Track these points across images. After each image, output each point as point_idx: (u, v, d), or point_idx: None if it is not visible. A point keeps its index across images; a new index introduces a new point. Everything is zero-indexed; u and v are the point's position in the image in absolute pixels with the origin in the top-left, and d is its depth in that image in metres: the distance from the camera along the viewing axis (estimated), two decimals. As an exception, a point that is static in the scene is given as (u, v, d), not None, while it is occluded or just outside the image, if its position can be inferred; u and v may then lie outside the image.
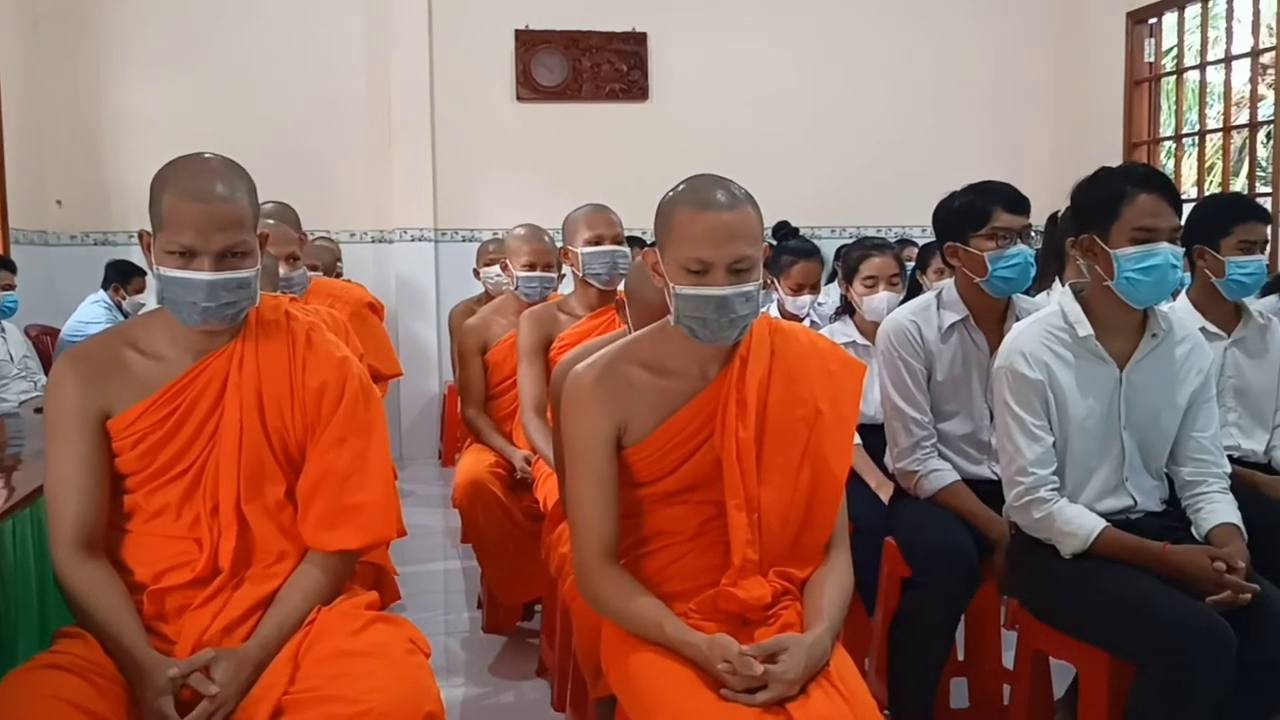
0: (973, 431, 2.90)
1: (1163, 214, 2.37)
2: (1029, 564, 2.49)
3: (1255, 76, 6.66)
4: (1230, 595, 2.18)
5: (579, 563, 2.04)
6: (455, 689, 3.39)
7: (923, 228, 6.65)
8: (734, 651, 1.82)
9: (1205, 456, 2.49)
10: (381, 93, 7.07)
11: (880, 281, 3.52)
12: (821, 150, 7.46)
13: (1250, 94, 6.73)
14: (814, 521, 2.03)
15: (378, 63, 7.07)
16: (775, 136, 7.36)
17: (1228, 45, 6.75)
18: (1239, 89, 6.82)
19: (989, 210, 2.83)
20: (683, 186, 1.99)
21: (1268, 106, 6.43)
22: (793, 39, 7.51)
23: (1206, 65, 6.98)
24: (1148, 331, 2.46)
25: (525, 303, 3.89)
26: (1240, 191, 6.68)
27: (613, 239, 3.49)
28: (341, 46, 7.05)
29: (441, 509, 5.66)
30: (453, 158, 7.21)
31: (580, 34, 7.34)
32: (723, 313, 1.92)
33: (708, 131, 7.19)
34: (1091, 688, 2.37)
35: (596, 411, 2.00)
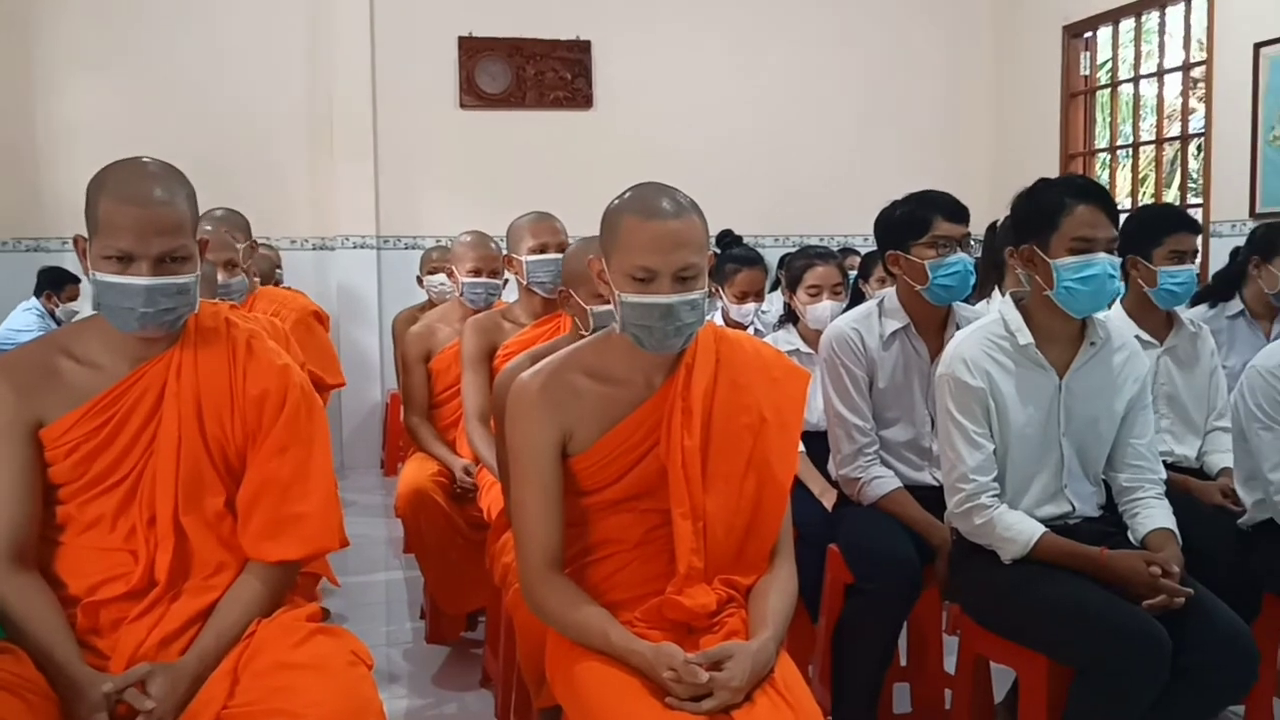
0: (914, 438, 2.93)
1: (1100, 225, 2.41)
2: (970, 570, 2.52)
3: (1186, 90, 6.81)
4: (1165, 599, 2.22)
5: (523, 572, 2.03)
6: (398, 700, 3.36)
7: (864, 236, 6.72)
8: (679, 659, 1.81)
9: (1142, 463, 2.53)
10: (323, 99, 7.00)
11: (824, 290, 3.55)
12: (765, 159, 7.51)
13: (1182, 107, 6.88)
14: (759, 529, 2.03)
15: (319, 68, 6.99)
16: (719, 145, 7.39)
17: (1160, 59, 6.89)
18: (1171, 102, 6.97)
19: (929, 219, 2.87)
20: (628, 194, 1.99)
21: (1198, 119, 6.57)
22: (737, 49, 7.56)
23: (1140, 79, 7.12)
24: (1086, 340, 2.50)
25: (469, 310, 3.87)
26: (1172, 203, 6.82)
27: (557, 247, 3.48)
28: (282, 52, 6.97)
29: (384, 518, 5.61)
30: (395, 165, 7.15)
31: (524, 41, 7.32)
32: (668, 321, 1.92)
33: (652, 140, 7.20)
34: (1031, 691, 2.40)
35: (541, 420, 1.99)
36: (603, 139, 7.30)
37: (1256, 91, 5.95)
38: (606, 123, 7.40)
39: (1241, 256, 3.87)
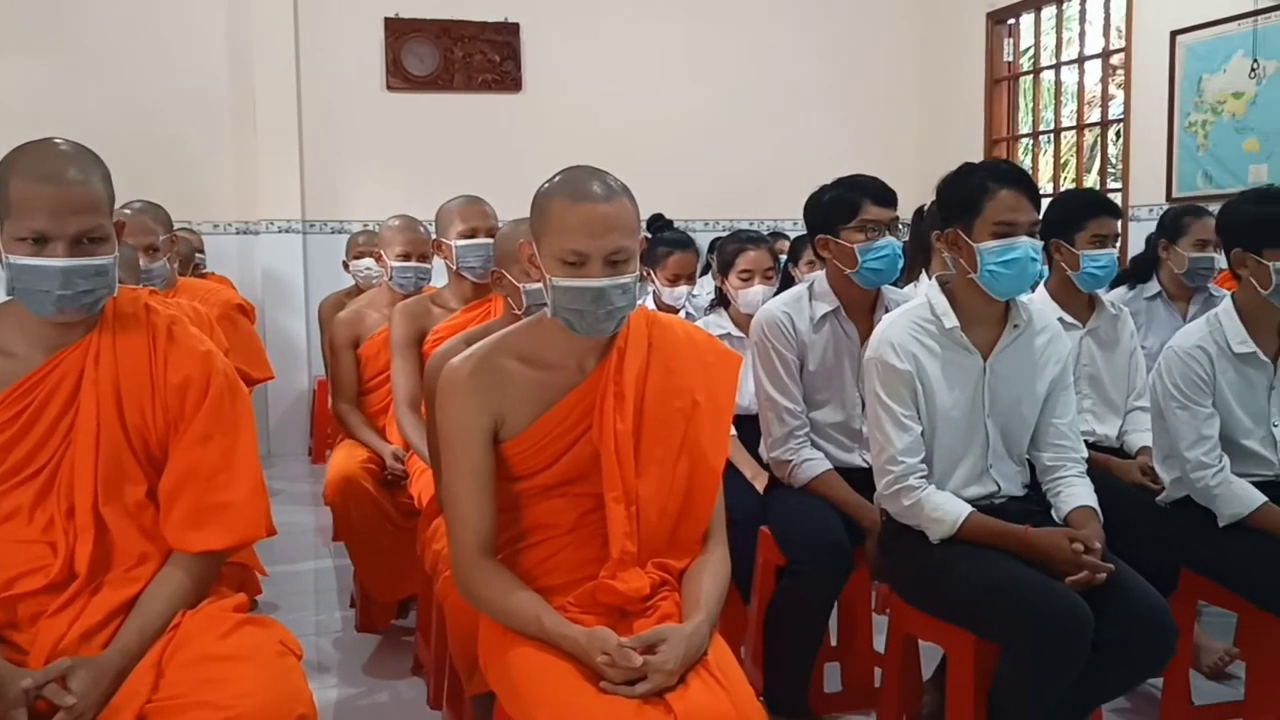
0: (845, 420, 2.96)
1: (1022, 209, 2.45)
2: (899, 550, 2.55)
3: (1106, 77, 6.95)
4: (1087, 575, 2.26)
5: (455, 558, 2.01)
6: (328, 690, 3.32)
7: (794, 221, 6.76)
8: (613, 644, 1.81)
9: (1064, 442, 2.58)
10: (245, 79, 6.86)
11: (756, 275, 3.57)
12: (695, 144, 7.52)
13: (1102, 93, 7.02)
14: (692, 512, 2.04)
15: (241, 48, 6.85)
16: (650, 129, 7.38)
17: (1081, 47, 7.02)
18: (1091, 89, 7.10)
19: (858, 203, 2.89)
20: (558, 178, 1.98)
21: (1118, 106, 6.71)
22: (666, 32, 7.55)
23: (1061, 65, 7.25)
24: (1009, 322, 2.53)
25: (398, 295, 3.83)
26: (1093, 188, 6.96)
27: (487, 231, 3.45)
28: (203, 29, 6.81)
29: (312, 507, 5.54)
30: (321, 147, 7.04)
31: (452, 23, 7.24)
32: (600, 304, 1.91)
33: (582, 124, 7.17)
34: (958, 668, 2.44)
35: (472, 405, 1.98)
36: (532, 123, 7.26)
37: (1173, 79, 6.08)
38: (536, 106, 7.36)
39: (1152, 240, 3.97)
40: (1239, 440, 2.73)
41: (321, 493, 3.69)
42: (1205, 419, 2.69)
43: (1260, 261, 2.66)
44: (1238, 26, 5.70)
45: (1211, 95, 5.89)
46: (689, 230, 5.65)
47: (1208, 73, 5.90)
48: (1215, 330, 2.75)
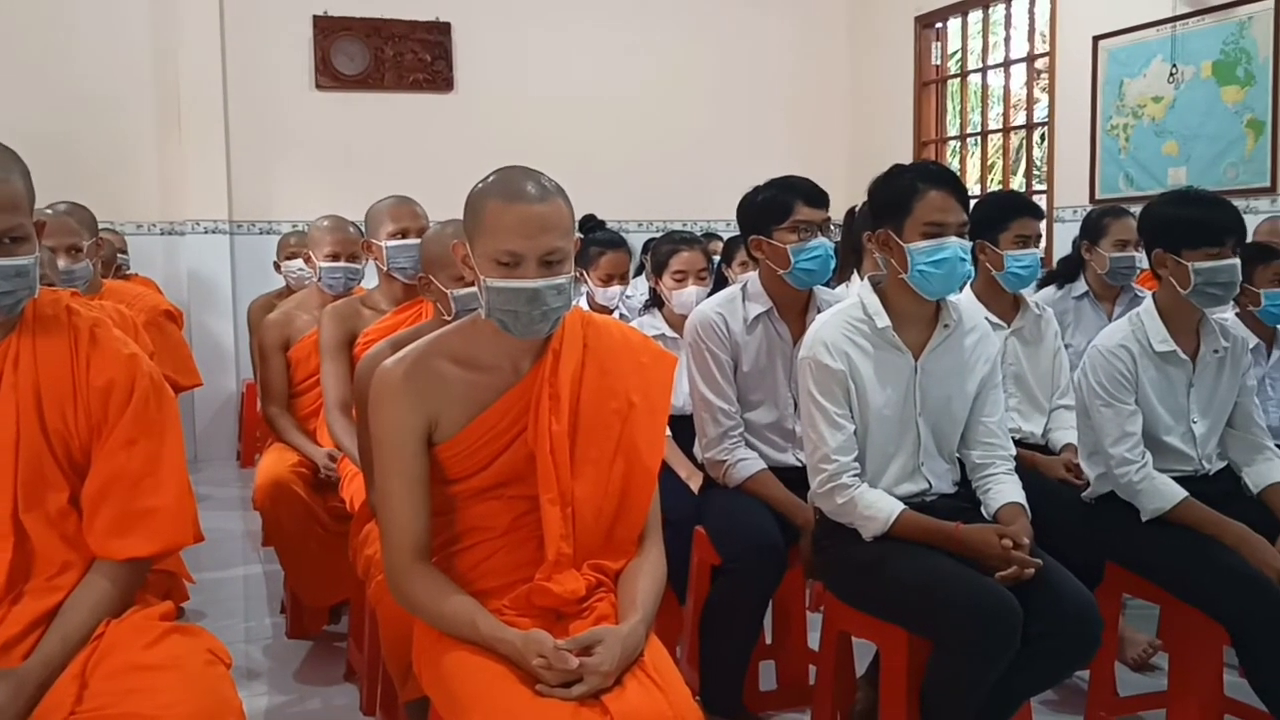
0: (778, 420, 2.97)
1: (951, 209, 2.48)
2: (833, 548, 2.57)
3: (1031, 80, 7.08)
4: (1016, 570, 2.30)
5: (389, 562, 1.99)
6: (258, 698, 3.27)
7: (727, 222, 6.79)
8: (549, 646, 1.81)
9: (993, 440, 2.62)
10: (170, 76, 6.73)
11: (689, 276, 3.58)
12: (628, 144, 7.53)
13: (1027, 97, 7.14)
14: (627, 513, 2.04)
15: (166, 45, 6.72)
16: (582, 130, 7.38)
17: (1006, 51, 7.14)
18: (1017, 92, 7.23)
19: (790, 204, 2.91)
20: (492, 178, 1.97)
21: (1042, 109, 6.84)
22: (598, 33, 7.55)
23: (988, 69, 7.37)
24: (940, 322, 2.57)
25: (328, 296, 3.79)
26: (1017, 189, 7.09)
27: (417, 232, 3.42)
28: (126, 26, 6.67)
29: (241, 512, 5.47)
30: (249, 147, 6.93)
31: (382, 22, 7.18)
32: (534, 305, 1.90)
33: (514, 124, 7.15)
34: (891, 664, 2.47)
35: (406, 407, 1.96)
36: (464, 123, 7.22)
37: (1095, 82, 6.22)
38: (468, 106, 7.32)
39: (1077, 242, 4.05)
40: (1160, 437, 2.79)
41: (251, 497, 3.64)
42: (1128, 416, 2.75)
43: (1179, 262, 2.72)
44: (1157, 32, 5.84)
45: (1132, 99, 6.03)
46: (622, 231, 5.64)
47: (1128, 77, 6.04)
48: (1137, 329, 2.81)
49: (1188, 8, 5.66)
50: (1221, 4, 5.50)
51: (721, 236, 6.09)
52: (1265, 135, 5.34)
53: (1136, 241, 3.76)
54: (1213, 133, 5.59)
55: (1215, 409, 2.83)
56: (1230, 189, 5.25)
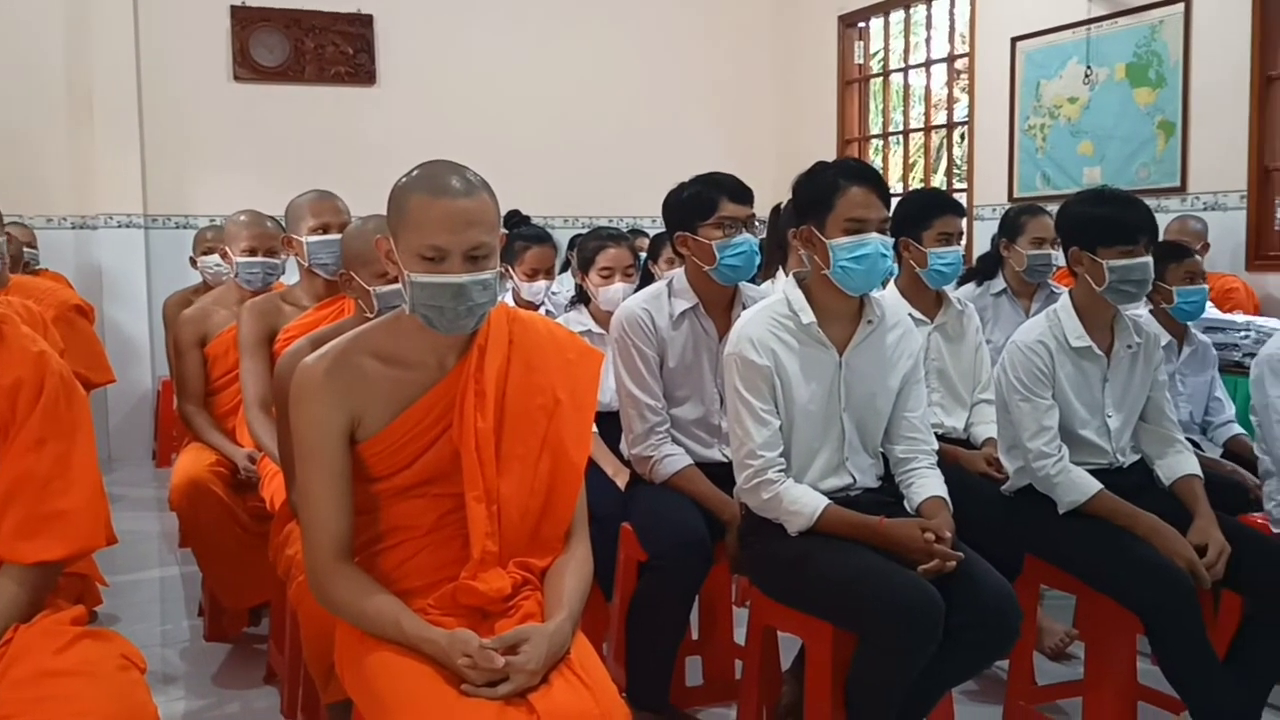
0: (704, 416, 2.98)
1: (872, 206, 2.50)
2: (758, 543, 2.59)
3: (951, 80, 7.19)
4: (939, 563, 2.33)
5: (310, 562, 1.96)
6: (175, 703, 3.21)
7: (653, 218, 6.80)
8: (474, 645, 1.79)
9: (916, 435, 2.65)
10: (82, 66, 6.56)
11: (616, 272, 3.57)
12: (554, 140, 7.51)
13: (947, 96, 7.26)
14: (554, 511, 2.02)
15: (77, 34, 6.54)
16: (507, 125, 7.34)
17: (927, 51, 7.24)
18: (937, 92, 7.34)
19: (716, 200, 2.91)
20: (416, 172, 1.94)
21: (963, 109, 6.95)
22: (524, 27, 7.52)
23: (909, 69, 7.47)
24: (863, 318, 2.59)
25: (247, 292, 3.71)
26: (938, 187, 7.20)
27: (339, 227, 3.36)
28: (37, 14, 6.48)
29: (156, 512, 5.36)
30: (164, 139, 6.78)
31: (302, 13, 7.06)
32: (460, 301, 1.88)
33: (438, 118, 7.09)
34: (816, 657, 2.48)
35: (327, 404, 1.92)
36: (387, 116, 7.14)
37: (1013, 83, 6.34)
38: (391, 100, 7.24)
39: (996, 239, 4.13)
40: (1076, 431, 2.85)
41: (166, 498, 3.56)
42: (1046, 410, 2.80)
43: (1095, 259, 2.78)
44: (1072, 35, 5.97)
45: (1049, 100, 6.16)
46: (548, 227, 5.62)
47: (1045, 78, 6.17)
48: (1054, 325, 2.86)
49: (1101, 11, 5.80)
50: (1134, 7, 5.64)
51: (648, 233, 6.10)
52: (1175, 136, 5.49)
53: (1053, 239, 3.84)
54: (1126, 133, 5.73)
55: (1129, 403, 2.90)
56: (1142, 188, 5.38)
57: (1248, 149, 5.18)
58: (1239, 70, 5.17)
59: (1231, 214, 5.25)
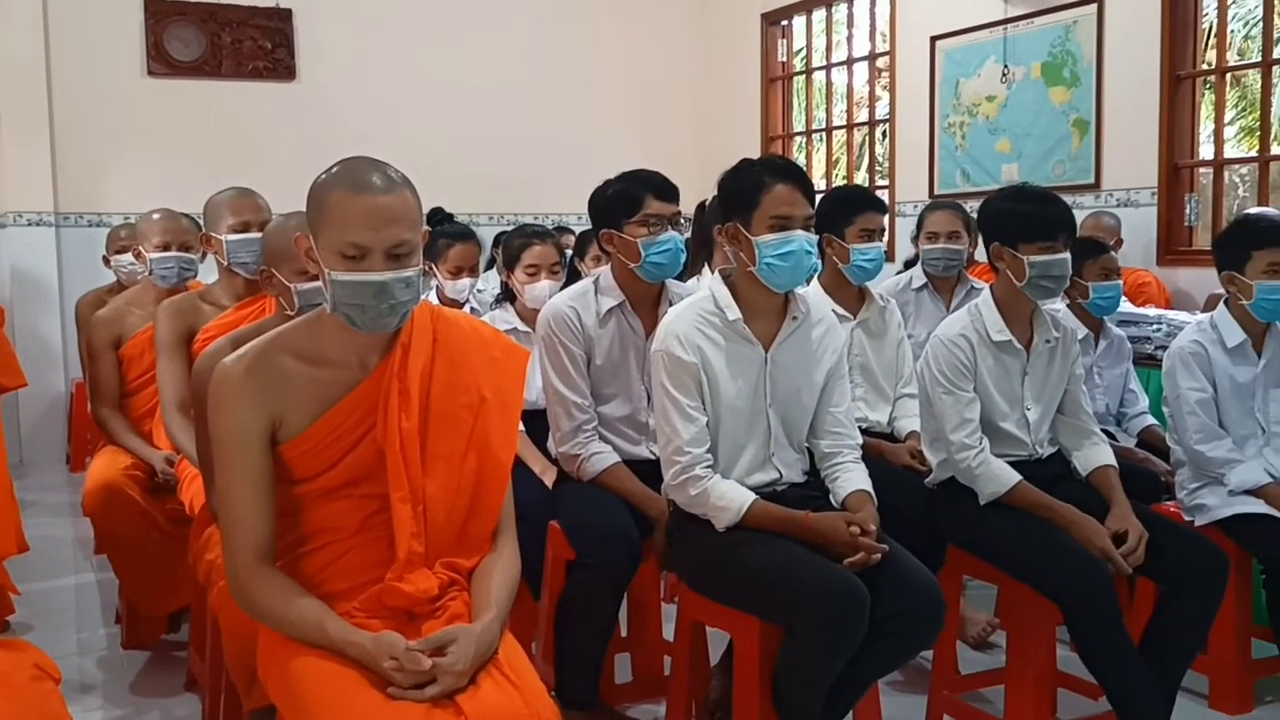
0: (631, 413, 2.98)
1: (797, 203, 2.52)
2: (686, 539, 2.59)
3: (873, 79, 7.28)
4: (864, 556, 2.35)
5: (231, 567, 1.92)
6: (92, 713, 3.14)
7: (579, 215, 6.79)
8: (400, 648, 1.77)
9: (840, 429, 2.68)
10: (-12, 60, 6.37)
11: (542, 270, 3.56)
12: (477, 136, 7.46)
13: (869, 94, 7.34)
14: (480, 510, 2.01)
15: (-17, 26, 6.35)
16: (430, 121, 7.28)
17: (849, 49, 7.32)
18: (859, 89, 7.43)
19: (641, 198, 2.92)
20: (336, 169, 1.91)
21: (884, 106, 7.04)
22: (446, 23, 7.46)
23: (831, 67, 7.55)
24: (788, 314, 2.61)
25: (163, 291, 3.63)
26: (861, 184, 7.28)
27: (259, 225, 3.30)
28: (-64, 6, 6.28)
29: (70, 518, 5.24)
30: (75, 135, 6.62)
31: (219, 7, 6.94)
32: (382, 299, 1.86)
33: (360, 114, 7.01)
34: (744, 652, 2.50)
35: (247, 405, 1.89)
36: (307, 112, 7.04)
37: (933, 82, 6.44)
38: (311, 95, 7.14)
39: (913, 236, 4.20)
40: (997, 423, 2.90)
41: (81, 503, 3.47)
42: (967, 403, 2.85)
43: (1016, 255, 2.83)
44: (990, 34, 6.08)
45: (968, 98, 6.26)
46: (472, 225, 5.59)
47: (964, 77, 6.27)
48: (976, 320, 2.91)
49: (1018, 11, 5.91)
50: (1049, 8, 5.76)
51: (573, 230, 6.08)
52: (1090, 134, 5.61)
53: (951, 233, 3.90)
54: (1042, 131, 5.85)
55: (1047, 396, 2.96)
56: (1058, 185, 5.51)
57: (1158, 147, 5.32)
58: (1149, 70, 5.31)
59: (1143, 210, 5.39)
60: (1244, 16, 9.77)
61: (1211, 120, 5.46)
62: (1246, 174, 9.12)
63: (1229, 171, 6.43)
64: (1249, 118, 10.25)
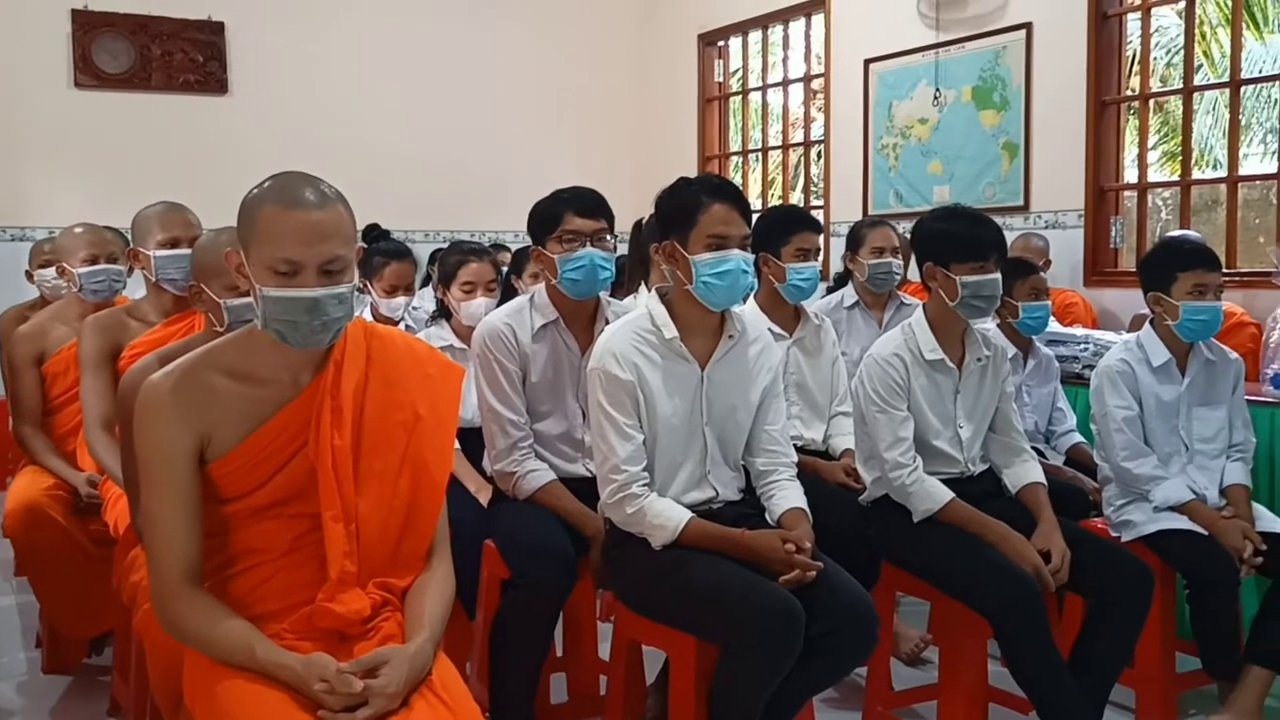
0: (567, 431, 2.96)
1: (734, 222, 2.54)
2: (622, 557, 2.58)
3: (808, 100, 7.36)
4: (799, 574, 2.36)
5: (157, 589, 1.88)
6: (11, 740, 3.04)
7: (516, 233, 6.78)
8: (331, 670, 1.74)
9: (776, 447, 2.69)
10: (-93, 69, 6.21)
11: (478, 287, 3.54)
12: (414, 152, 7.41)
13: (804, 115, 7.42)
14: (414, 529, 1.99)
15: (-99, 34, 6.20)
16: (365, 137, 7.22)
17: (785, 71, 7.40)
18: (795, 110, 7.50)
19: (560, 214, 2.91)
20: (268, 184, 1.89)
21: (819, 127, 7.11)
22: (381, 38, 7.42)
23: (767, 88, 7.62)
24: (725, 333, 2.62)
25: (88, 306, 3.55)
26: (797, 204, 7.34)
27: (189, 240, 3.24)
28: None
29: (-10, 540, 5.08)
30: (-2, 147, 6.46)
31: (149, 19, 6.83)
32: (314, 315, 1.83)
33: (293, 129, 6.94)
34: (680, 671, 2.49)
35: (174, 423, 1.85)
36: (240, 126, 6.95)
37: (867, 104, 6.53)
38: (243, 109, 7.06)
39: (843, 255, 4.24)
40: (930, 441, 2.93)
41: (1, 524, 3.38)
42: (901, 422, 2.88)
43: (949, 275, 2.87)
44: (922, 58, 6.18)
45: (901, 120, 6.35)
46: (408, 241, 5.55)
47: (897, 99, 6.36)
48: (909, 339, 2.94)
49: (949, 35, 6.01)
50: (979, 33, 5.86)
51: (509, 247, 6.06)
52: (1019, 157, 5.72)
53: (893, 248, 3.96)
54: (973, 154, 5.95)
55: (979, 414, 3.00)
56: (989, 206, 5.60)
57: (1085, 170, 5.43)
58: (1076, 95, 5.43)
59: (1070, 232, 5.50)
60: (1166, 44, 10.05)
61: (1136, 145, 5.59)
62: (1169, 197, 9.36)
63: (1152, 195, 6.58)
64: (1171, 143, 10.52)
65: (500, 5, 7.76)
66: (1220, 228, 5.42)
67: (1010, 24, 5.72)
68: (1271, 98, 10.20)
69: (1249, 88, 7.11)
